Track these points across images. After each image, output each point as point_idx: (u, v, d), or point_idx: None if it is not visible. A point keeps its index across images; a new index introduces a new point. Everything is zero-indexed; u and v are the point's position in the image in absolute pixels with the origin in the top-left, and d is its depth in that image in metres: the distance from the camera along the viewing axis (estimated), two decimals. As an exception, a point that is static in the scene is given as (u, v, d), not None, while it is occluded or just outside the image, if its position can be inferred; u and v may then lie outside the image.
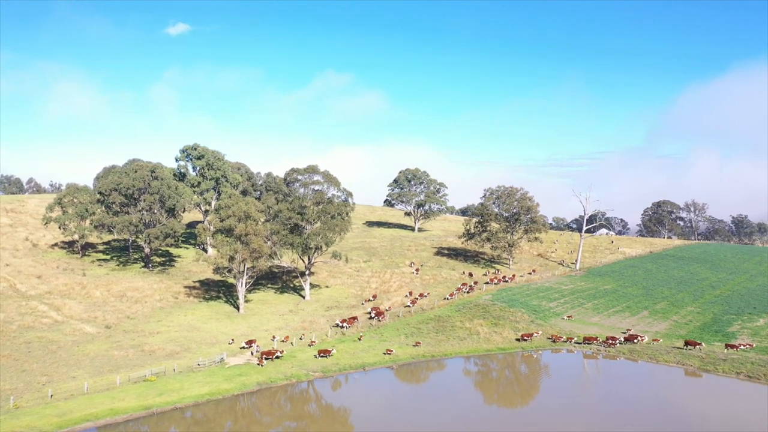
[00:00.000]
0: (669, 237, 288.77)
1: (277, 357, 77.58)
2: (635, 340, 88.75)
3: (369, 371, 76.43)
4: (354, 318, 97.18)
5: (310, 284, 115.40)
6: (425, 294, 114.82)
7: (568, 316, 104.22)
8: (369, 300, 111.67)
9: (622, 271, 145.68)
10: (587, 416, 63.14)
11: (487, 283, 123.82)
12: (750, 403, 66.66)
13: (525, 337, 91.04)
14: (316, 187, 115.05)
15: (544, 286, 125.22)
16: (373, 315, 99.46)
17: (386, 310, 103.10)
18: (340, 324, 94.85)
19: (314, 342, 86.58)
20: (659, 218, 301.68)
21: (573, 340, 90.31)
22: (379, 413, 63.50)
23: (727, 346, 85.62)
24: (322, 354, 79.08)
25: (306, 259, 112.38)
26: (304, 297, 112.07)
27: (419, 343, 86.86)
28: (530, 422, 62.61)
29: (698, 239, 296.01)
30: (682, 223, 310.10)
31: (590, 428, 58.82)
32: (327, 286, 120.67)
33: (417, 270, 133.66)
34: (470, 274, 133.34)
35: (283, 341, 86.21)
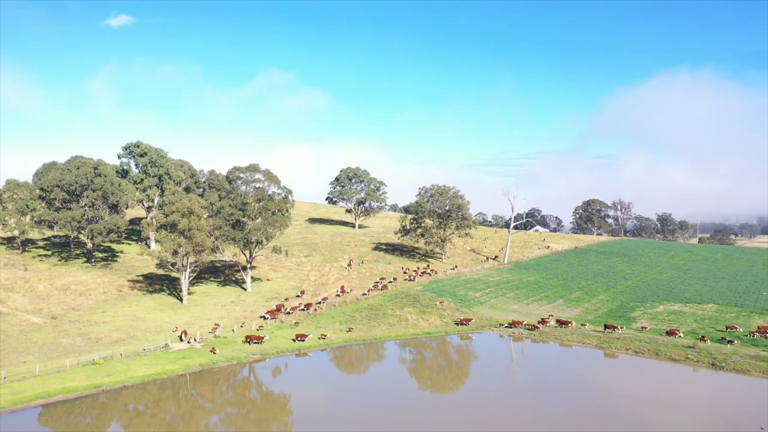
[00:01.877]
0: (598, 234, 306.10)
1: (256, 342, 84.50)
2: (547, 324, 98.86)
3: (304, 353, 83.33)
4: (278, 310, 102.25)
5: (252, 277, 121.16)
6: (365, 289, 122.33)
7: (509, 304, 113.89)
8: (298, 296, 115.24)
9: (546, 265, 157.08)
10: (490, 383, 72.15)
11: (407, 280, 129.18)
12: (624, 370, 77.44)
13: (464, 322, 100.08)
14: (258, 185, 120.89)
15: (472, 278, 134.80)
16: (286, 311, 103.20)
17: (315, 303, 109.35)
18: (264, 316, 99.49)
19: (298, 323, 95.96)
20: (589, 216, 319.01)
21: (501, 325, 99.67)
22: (310, 388, 70.65)
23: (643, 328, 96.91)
24: (254, 340, 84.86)
25: (247, 253, 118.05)
26: (245, 289, 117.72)
27: (352, 329, 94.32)
28: (447, 389, 71.52)
29: (626, 236, 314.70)
30: (610, 221, 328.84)
31: (491, 392, 67.78)
32: (268, 279, 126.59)
33: (349, 264, 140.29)
34: (405, 270, 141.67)
35: (212, 331, 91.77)
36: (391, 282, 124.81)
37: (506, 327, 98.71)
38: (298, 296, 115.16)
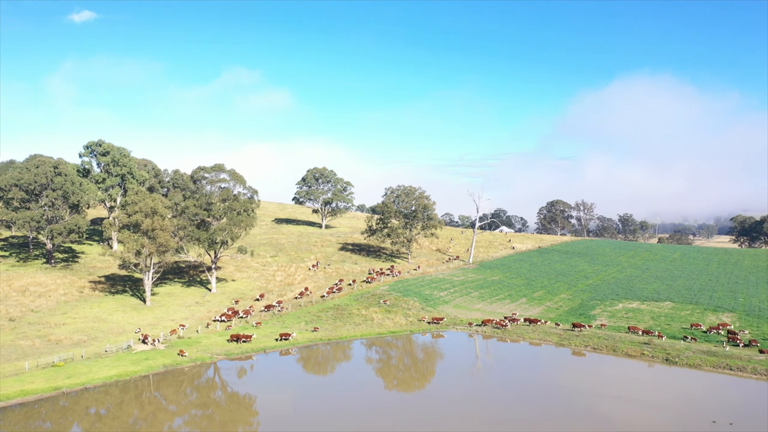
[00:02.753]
0: (562, 234, 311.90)
1: (245, 341, 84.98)
2: (517, 322, 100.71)
3: (269, 353, 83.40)
4: (235, 312, 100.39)
5: (217, 278, 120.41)
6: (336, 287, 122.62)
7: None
8: (257, 299, 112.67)
9: (510, 264, 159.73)
10: (454, 380, 73.45)
11: (365, 281, 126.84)
12: (583, 366, 79.65)
13: (436, 320, 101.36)
14: (223, 185, 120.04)
15: (438, 278, 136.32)
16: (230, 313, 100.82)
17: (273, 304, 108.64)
18: (219, 318, 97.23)
19: (259, 323, 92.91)
20: (553, 217, 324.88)
21: (471, 324, 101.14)
22: (276, 388, 70.79)
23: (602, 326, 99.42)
24: (243, 339, 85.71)
25: (212, 253, 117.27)
26: (210, 290, 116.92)
27: (317, 328, 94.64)
28: (413, 387, 72.62)
29: (589, 236, 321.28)
30: (574, 221, 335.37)
31: (455, 389, 69.06)
32: (233, 280, 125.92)
33: (315, 265, 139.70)
34: (375, 270, 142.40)
35: (171, 333, 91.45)
36: (349, 285, 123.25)
37: (477, 326, 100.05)
38: (257, 300, 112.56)
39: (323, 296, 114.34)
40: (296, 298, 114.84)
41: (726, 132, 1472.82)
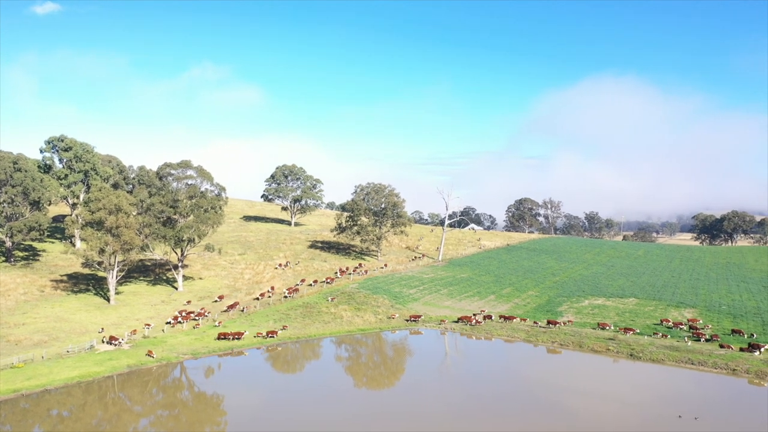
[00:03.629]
0: (530, 232, 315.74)
1: (236, 338, 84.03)
2: (490, 319, 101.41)
3: (237, 352, 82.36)
4: (190, 312, 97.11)
5: (184, 276, 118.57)
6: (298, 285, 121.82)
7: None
8: (216, 301, 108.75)
9: (479, 262, 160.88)
10: (421, 377, 73.70)
11: (324, 282, 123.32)
12: (550, 362, 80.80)
13: (413, 318, 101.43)
14: (190, 182, 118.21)
15: (407, 275, 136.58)
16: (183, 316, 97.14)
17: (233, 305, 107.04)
18: (172, 322, 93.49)
19: (221, 323, 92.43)
20: (521, 215, 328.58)
21: (443, 322, 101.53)
22: (244, 387, 70.00)
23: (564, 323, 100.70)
24: (234, 337, 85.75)
25: (179, 251, 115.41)
26: (177, 288, 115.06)
27: (287, 326, 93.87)
28: (383, 385, 72.54)
29: (556, 234, 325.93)
30: (541, 219, 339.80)
31: (422, 386, 69.30)
32: (200, 278, 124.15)
33: (281, 264, 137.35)
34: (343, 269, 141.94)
35: (171, 324, 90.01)
36: (310, 285, 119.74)
37: (451, 322, 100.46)
38: (215, 302, 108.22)
39: (286, 297, 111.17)
40: (256, 299, 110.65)
41: (689, 133, 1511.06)
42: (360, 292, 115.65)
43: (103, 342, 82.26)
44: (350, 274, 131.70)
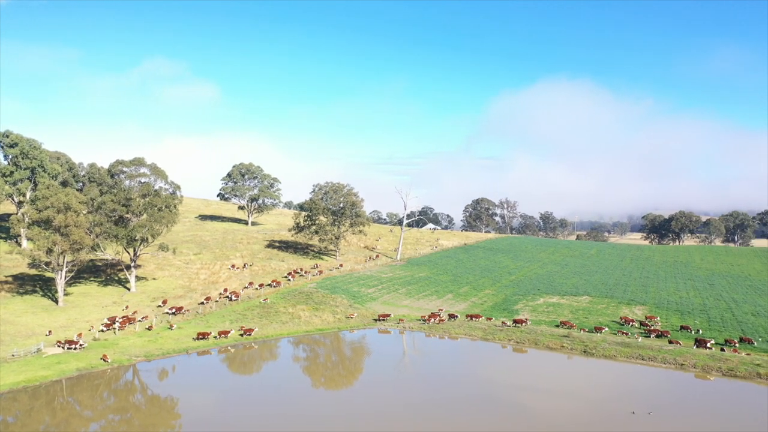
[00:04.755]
0: (487, 231, 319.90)
1: (81, 346, 78.83)
2: (455, 318, 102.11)
3: (192, 354, 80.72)
4: (126, 318, 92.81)
5: (137, 276, 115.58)
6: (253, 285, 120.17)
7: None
8: (159, 306, 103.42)
9: (437, 261, 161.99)
10: (379, 376, 73.74)
11: (269, 285, 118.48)
12: (507, 359, 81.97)
13: (382, 318, 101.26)
14: (143, 180, 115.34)
15: (365, 275, 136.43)
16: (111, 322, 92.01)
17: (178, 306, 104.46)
18: (105, 328, 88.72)
19: (152, 327, 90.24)
20: (478, 214, 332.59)
21: (402, 321, 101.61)
22: (199, 389, 68.53)
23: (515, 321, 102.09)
24: (222, 335, 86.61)
25: (132, 251, 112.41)
26: (129, 289, 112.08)
27: (244, 327, 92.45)
28: (341, 384, 72.26)
29: (512, 233, 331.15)
30: (498, 219, 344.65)
31: (381, 385, 69.31)
32: (154, 278, 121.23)
33: (233, 266, 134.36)
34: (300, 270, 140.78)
35: (103, 330, 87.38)
36: (257, 288, 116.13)
37: (410, 321, 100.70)
38: (159, 306, 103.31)
39: (232, 300, 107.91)
40: (200, 304, 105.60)
41: (639, 135, 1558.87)
42: (318, 292, 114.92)
43: (57, 345, 79.33)
44: (308, 273, 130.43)
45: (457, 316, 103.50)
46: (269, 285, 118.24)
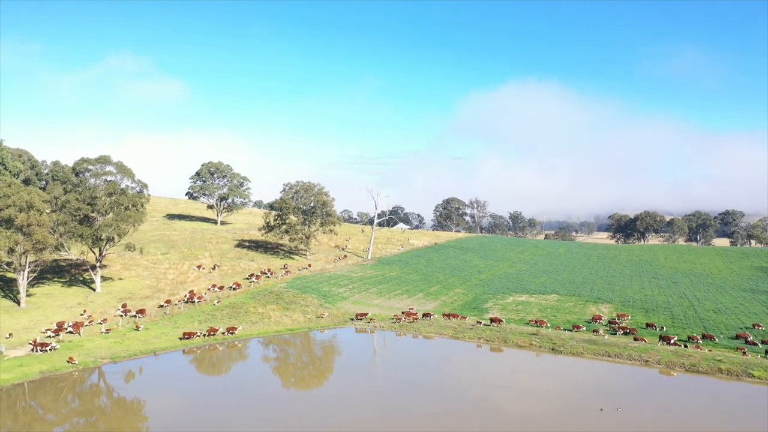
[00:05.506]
0: (457, 231, 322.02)
1: (52, 349, 77.19)
2: (431, 317, 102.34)
3: (160, 355, 79.48)
4: (79, 324, 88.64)
5: (102, 277, 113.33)
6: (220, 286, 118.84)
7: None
8: (119, 311, 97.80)
9: (407, 260, 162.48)
10: (350, 375, 73.65)
11: (230, 288, 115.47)
12: (477, 357, 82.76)
13: (360, 316, 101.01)
14: (109, 178, 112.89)
15: (336, 274, 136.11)
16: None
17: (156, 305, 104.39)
18: (52, 334, 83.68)
19: (110, 330, 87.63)
20: (448, 214, 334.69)
21: (373, 321, 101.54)
22: (167, 391, 67.55)
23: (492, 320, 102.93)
24: (230, 331, 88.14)
25: (97, 251, 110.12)
26: (94, 290, 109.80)
27: (212, 327, 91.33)
28: (312, 384, 71.90)
29: (482, 233, 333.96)
30: (468, 219, 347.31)
31: (352, 384, 69.26)
32: (120, 279, 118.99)
33: (201, 266, 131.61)
34: (268, 269, 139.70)
35: (71, 332, 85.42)
36: (230, 288, 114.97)
37: (382, 321, 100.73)
38: (119, 312, 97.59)
39: (193, 302, 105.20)
40: (160, 306, 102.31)
41: (606, 137, 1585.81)
42: (288, 292, 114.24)
43: (30, 346, 77.20)
44: (273, 275, 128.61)
45: (433, 315, 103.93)
46: (231, 288, 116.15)
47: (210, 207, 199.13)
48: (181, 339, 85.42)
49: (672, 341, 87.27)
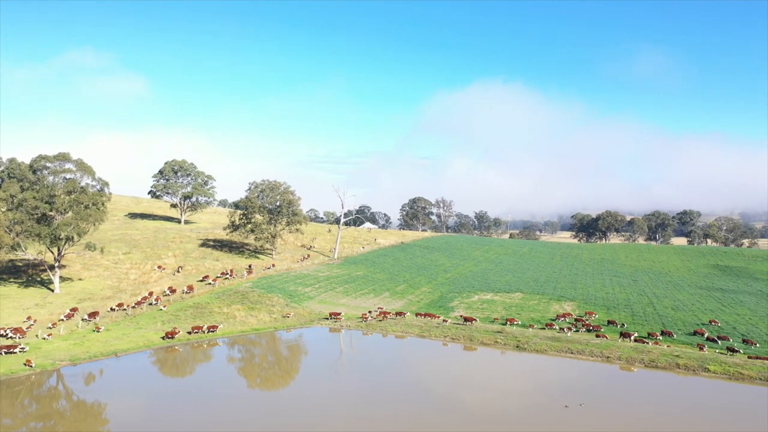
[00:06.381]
0: (423, 230, 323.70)
1: (23, 349, 75.31)
2: (405, 315, 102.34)
3: (122, 357, 77.84)
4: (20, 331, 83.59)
5: (61, 277, 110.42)
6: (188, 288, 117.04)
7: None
8: (66, 316, 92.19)
9: (374, 260, 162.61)
10: (317, 374, 73.44)
11: (184, 292, 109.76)
12: (442, 355, 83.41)
13: (333, 316, 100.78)
14: (68, 176, 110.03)
15: (302, 274, 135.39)
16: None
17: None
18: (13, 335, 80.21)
19: (58, 334, 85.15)
20: (415, 213, 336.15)
21: (336, 319, 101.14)
22: (129, 394, 66.18)
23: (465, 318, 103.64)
24: (210, 330, 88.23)
25: (56, 250, 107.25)
26: (53, 290, 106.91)
27: (176, 328, 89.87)
28: (278, 384, 71.20)
29: (448, 232, 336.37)
30: (434, 218, 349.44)
31: (319, 384, 69.06)
32: (80, 279, 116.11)
33: (160, 267, 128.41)
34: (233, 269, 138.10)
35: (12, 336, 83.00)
36: (167, 295, 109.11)
37: (351, 320, 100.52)
38: (62, 318, 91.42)
39: (151, 304, 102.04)
40: (111, 310, 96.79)
41: (570, 138, 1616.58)
42: (254, 291, 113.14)
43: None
44: (232, 277, 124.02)
45: (406, 314, 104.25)
46: (184, 292, 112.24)
47: (173, 206, 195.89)
48: (163, 338, 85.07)
49: (632, 337, 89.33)
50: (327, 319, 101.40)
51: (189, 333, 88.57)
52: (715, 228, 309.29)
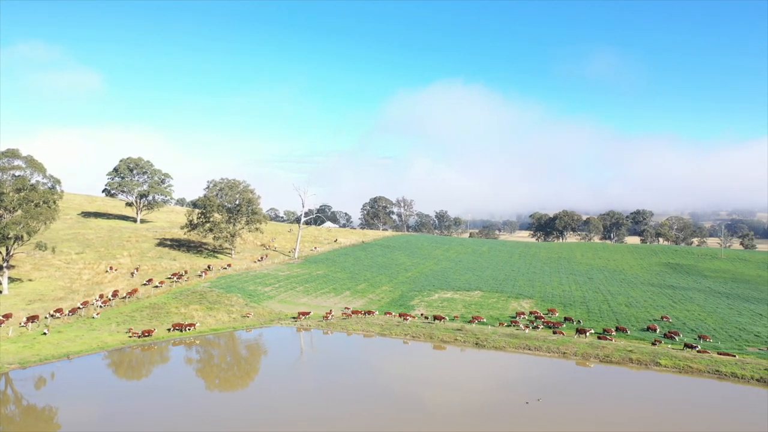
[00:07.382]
0: (384, 229, 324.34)
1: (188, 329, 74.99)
2: (373, 314, 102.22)
3: (74, 359, 75.59)
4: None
5: (10, 278, 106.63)
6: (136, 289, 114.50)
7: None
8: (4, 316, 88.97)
9: (335, 259, 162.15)
10: (277, 375, 72.86)
11: (122, 298, 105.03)
12: (403, 354, 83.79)
13: (302, 315, 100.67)
14: (18, 173, 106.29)
15: (262, 273, 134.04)
16: None
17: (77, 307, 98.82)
18: None
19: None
20: (376, 212, 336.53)
21: (296, 319, 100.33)
22: (82, 397, 64.35)
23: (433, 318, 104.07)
24: (187, 327, 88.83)
25: (4, 250, 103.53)
26: (1, 292, 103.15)
27: (132, 329, 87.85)
28: (237, 385, 70.35)
29: (408, 231, 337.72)
30: (395, 217, 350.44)
31: (278, 385, 68.52)
32: (30, 280, 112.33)
33: (111, 268, 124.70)
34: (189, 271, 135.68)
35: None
36: (156, 286, 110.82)
37: (314, 319, 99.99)
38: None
39: (101, 306, 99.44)
40: (50, 316, 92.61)
41: (528, 139, 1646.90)
42: (212, 291, 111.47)
43: None
44: (183, 279, 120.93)
45: (375, 313, 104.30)
46: (174, 280, 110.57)
47: (129, 205, 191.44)
48: (139, 337, 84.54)
49: (588, 334, 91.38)
50: (288, 318, 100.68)
51: (169, 330, 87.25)
52: (666, 227, 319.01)
